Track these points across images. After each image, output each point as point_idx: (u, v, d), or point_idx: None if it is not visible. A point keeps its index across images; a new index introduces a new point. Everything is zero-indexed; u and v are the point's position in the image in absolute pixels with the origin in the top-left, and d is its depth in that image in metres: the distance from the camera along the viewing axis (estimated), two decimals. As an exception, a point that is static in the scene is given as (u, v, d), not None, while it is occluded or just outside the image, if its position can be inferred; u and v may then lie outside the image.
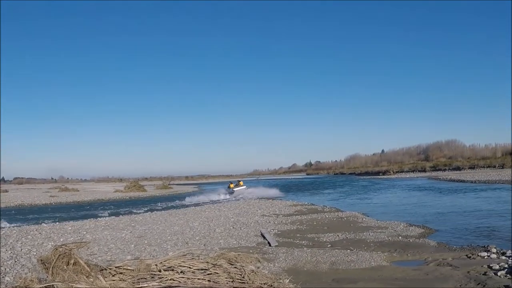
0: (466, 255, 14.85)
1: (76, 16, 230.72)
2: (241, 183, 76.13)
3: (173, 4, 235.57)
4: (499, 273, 11.68)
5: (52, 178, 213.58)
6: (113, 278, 8.95)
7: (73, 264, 8.86)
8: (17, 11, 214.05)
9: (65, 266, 8.74)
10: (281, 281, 9.44)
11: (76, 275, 8.47)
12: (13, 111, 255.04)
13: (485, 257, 14.22)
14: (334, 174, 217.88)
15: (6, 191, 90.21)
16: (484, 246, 16.15)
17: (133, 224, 26.68)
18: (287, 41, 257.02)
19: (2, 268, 13.59)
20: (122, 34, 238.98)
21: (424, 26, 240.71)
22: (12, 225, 28.72)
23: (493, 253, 14.74)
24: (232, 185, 74.67)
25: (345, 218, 27.06)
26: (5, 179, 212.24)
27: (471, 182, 69.03)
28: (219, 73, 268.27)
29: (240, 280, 8.80)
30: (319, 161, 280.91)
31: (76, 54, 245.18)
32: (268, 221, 26.79)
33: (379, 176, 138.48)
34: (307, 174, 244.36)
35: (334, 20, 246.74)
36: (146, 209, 42.59)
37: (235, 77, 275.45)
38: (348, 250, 16.61)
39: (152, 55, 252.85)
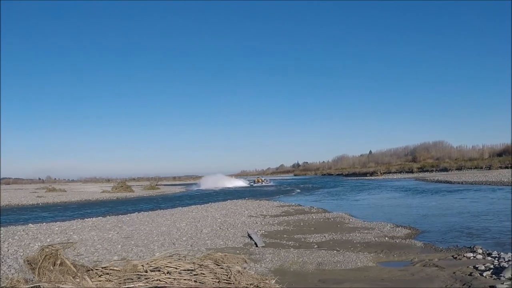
0: (452, 256, 14.98)
1: (64, 17, 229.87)
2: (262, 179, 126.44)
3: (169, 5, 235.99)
4: (484, 274, 11.79)
5: (39, 179, 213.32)
6: (100, 278, 8.95)
7: (59, 265, 8.86)
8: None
9: (51, 267, 8.74)
10: (267, 281, 9.47)
11: (63, 276, 8.47)
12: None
13: (471, 258, 14.35)
14: (322, 175, 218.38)
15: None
16: (470, 247, 16.27)
17: (120, 225, 26.63)
18: (274, 42, 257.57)
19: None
20: (112, 35, 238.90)
21: (411, 28, 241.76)
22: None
23: (479, 254, 14.86)
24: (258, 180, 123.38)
25: (332, 219, 27.12)
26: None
27: (458, 183, 69.44)
28: (207, 75, 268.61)
29: (226, 280, 8.83)
30: (307, 162, 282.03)
31: (64, 55, 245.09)
32: (255, 221, 26.81)
33: (366, 177, 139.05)
34: (295, 175, 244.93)
35: (323, 22, 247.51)
36: (136, 209, 42.44)
37: (222, 79, 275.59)
38: (335, 251, 16.67)
39: (143, 57, 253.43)
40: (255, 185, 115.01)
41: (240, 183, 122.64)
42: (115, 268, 9.37)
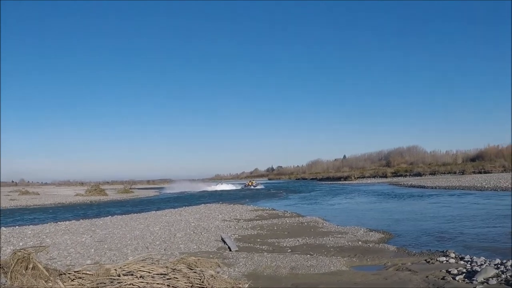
0: (425, 260, 15.11)
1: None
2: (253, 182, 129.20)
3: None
4: (457, 278, 11.93)
5: (12, 181, 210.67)
6: (72, 282, 8.93)
7: (32, 269, 8.82)
8: None
9: (24, 271, 8.70)
10: (240, 285, 9.53)
11: (35, 280, 8.45)
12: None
13: (444, 262, 14.49)
14: (296, 179, 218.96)
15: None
16: (443, 251, 16.43)
17: (93, 229, 26.50)
18: (244, 45, 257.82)
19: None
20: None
21: (387, 31, 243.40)
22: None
23: (452, 258, 15.01)
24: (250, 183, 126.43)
25: (306, 223, 27.20)
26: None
27: (432, 188, 69.83)
28: (183, 77, 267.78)
29: (199, 285, 8.86)
30: (281, 166, 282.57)
31: (43, 53, 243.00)
32: (229, 226, 26.81)
33: (340, 182, 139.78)
34: (269, 179, 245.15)
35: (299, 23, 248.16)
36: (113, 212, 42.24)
37: (196, 82, 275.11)
38: (308, 255, 16.71)
39: (130, 57, 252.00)
40: (245, 188, 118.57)
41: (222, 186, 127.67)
42: (88, 272, 9.36)
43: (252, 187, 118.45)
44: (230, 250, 18.25)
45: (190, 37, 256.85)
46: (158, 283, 8.67)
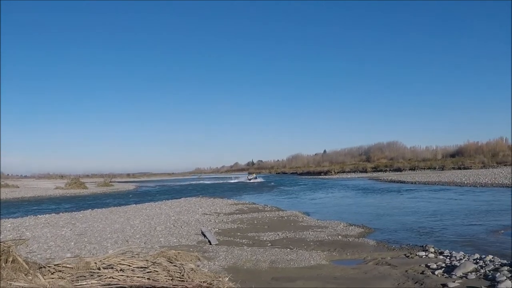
0: (405, 255, 15.28)
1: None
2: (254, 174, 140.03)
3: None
4: (436, 272, 12.09)
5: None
6: (52, 276, 8.90)
7: (11, 262, 8.77)
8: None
9: (3, 264, 8.65)
10: (220, 279, 9.54)
11: (15, 273, 8.40)
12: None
13: (423, 257, 14.68)
14: (276, 173, 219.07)
15: None
16: (422, 246, 16.63)
17: (73, 222, 26.39)
18: (224, 40, 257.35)
19: None
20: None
21: (362, 26, 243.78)
22: None
23: (431, 252, 15.22)
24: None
25: (286, 217, 27.28)
26: None
27: (411, 183, 70.43)
28: (160, 70, 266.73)
29: (180, 278, 8.87)
30: (261, 160, 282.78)
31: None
32: (209, 219, 26.81)
33: (320, 176, 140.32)
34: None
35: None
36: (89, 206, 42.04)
37: (176, 76, 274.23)
38: (288, 249, 16.79)
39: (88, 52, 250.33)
40: (246, 180, 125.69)
41: None
42: (67, 266, 9.33)
43: (248, 180, 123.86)
44: (210, 244, 18.27)
45: (172, 32, 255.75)
46: (138, 276, 8.67)
